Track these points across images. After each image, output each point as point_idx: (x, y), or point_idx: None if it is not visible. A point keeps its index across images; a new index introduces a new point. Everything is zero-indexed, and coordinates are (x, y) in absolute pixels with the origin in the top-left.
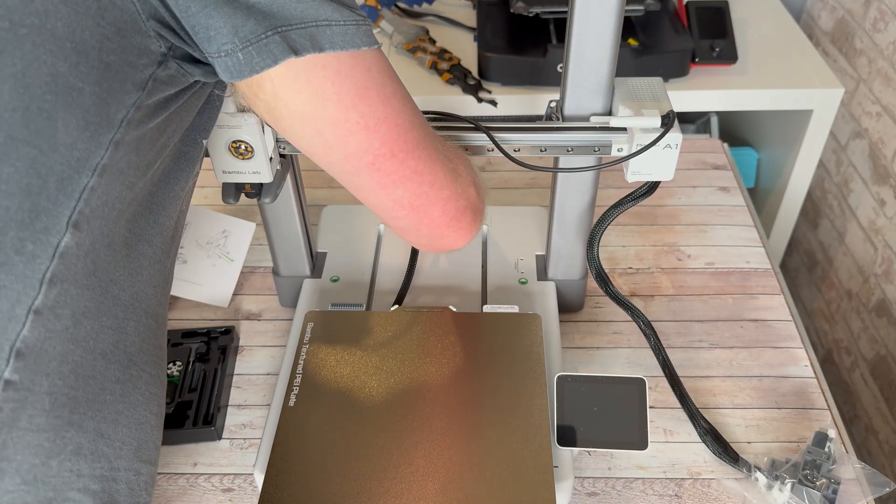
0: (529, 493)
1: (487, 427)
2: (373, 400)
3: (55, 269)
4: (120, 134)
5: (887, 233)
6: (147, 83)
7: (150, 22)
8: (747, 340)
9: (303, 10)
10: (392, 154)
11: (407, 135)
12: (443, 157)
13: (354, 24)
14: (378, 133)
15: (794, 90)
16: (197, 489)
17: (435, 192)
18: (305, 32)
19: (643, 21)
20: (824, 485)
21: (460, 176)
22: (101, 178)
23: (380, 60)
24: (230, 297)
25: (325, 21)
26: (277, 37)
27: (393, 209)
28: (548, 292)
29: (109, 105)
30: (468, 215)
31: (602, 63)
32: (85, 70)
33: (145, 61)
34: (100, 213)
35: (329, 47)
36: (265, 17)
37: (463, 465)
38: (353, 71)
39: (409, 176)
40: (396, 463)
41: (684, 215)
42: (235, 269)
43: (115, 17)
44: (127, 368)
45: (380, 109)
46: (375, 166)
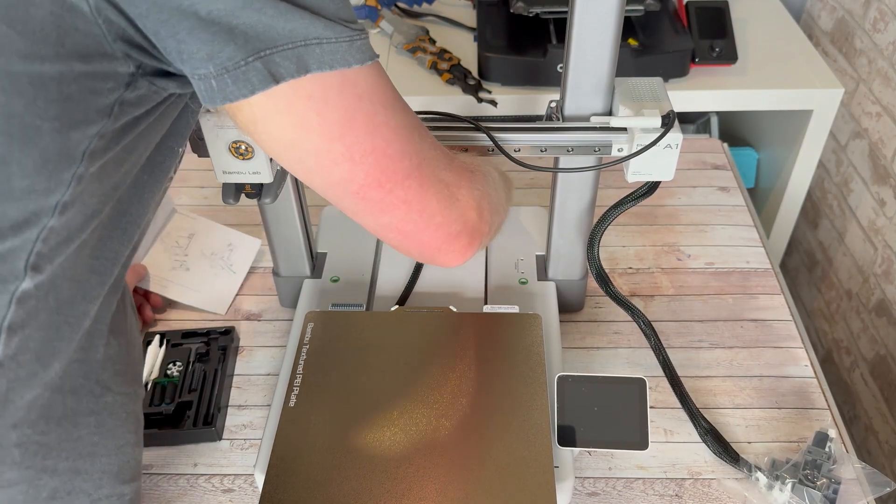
0: (530, 493)
1: (488, 427)
2: (373, 400)
3: (13, 316)
4: (83, 168)
5: (887, 233)
6: (113, 108)
7: (118, 43)
8: (747, 340)
9: (291, 29)
10: (378, 184)
11: (396, 165)
12: (437, 183)
13: (348, 39)
14: (363, 165)
15: (793, 90)
16: (197, 490)
17: (425, 219)
18: (292, 53)
19: (643, 21)
20: (825, 485)
21: (458, 201)
22: (62, 215)
23: (374, 81)
24: (227, 306)
25: (316, 39)
26: (259, 63)
27: (380, 231)
28: (548, 292)
29: (70, 139)
30: (462, 239)
31: (602, 63)
32: (43, 105)
33: (111, 85)
34: (62, 249)
35: (317, 67)
36: (248, 40)
37: (463, 465)
38: (341, 98)
39: (396, 205)
40: (397, 463)
41: (684, 215)
42: (236, 282)
43: (76, 42)
44: (100, 397)
45: (367, 141)
46: (360, 195)
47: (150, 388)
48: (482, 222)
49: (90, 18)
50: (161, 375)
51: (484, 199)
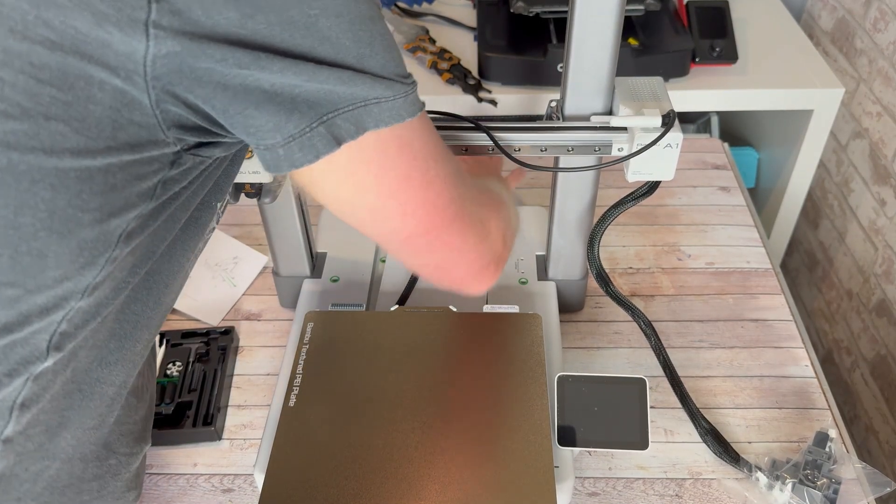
0: (530, 493)
1: (488, 427)
2: (373, 400)
3: (27, 393)
4: (118, 250)
5: (888, 233)
6: (155, 190)
7: (171, 130)
8: (748, 340)
9: (352, 92)
10: (426, 232)
11: (444, 213)
12: (475, 221)
13: (403, 95)
14: (415, 217)
15: (794, 90)
16: (197, 489)
17: (461, 256)
18: (352, 115)
19: (643, 21)
20: (825, 485)
21: (490, 234)
22: (90, 296)
23: (425, 134)
24: (221, 318)
25: (375, 99)
26: (322, 128)
27: (417, 268)
28: (548, 292)
29: (109, 225)
30: (491, 268)
31: (602, 63)
32: (87, 198)
33: (156, 167)
34: (86, 325)
35: (373, 125)
36: (311, 106)
37: (463, 465)
38: (399, 159)
39: (438, 248)
40: (397, 463)
41: (685, 215)
42: (235, 295)
43: (130, 135)
44: (105, 460)
45: (420, 195)
46: (408, 242)
47: None
48: (506, 249)
49: (149, 111)
50: (161, 375)
51: (507, 227)
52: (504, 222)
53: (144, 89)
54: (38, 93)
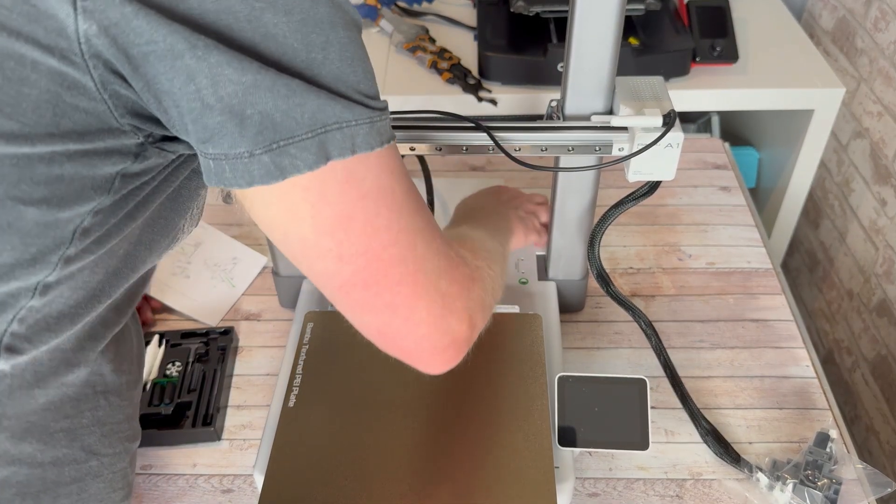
0: (530, 493)
1: (488, 427)
2: (373, 400)
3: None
4: (73, 248)
5: (888, 233)
6: (113, 183)
7: (127, 118)
8: (748, 340)
9: (311, 116)
10: (365, 286)
11: (390, 270)
12: (432, 293)
13: (367, 122)
14: (352, 265)
15: (794, 90)
16: (196, 490)
17: (409, 327)
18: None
19: (644, 20)
20: (826, 485)
21: (450, 314)
22: (43, 295)
23: (386, 171)
24: (220, 318)
25: (335, 124)
26: (266, 157)
27: (360, 327)
28: (548, 292)
29: (59, 220)
30: (448, 352)
31: (603, 62)
32: (28, 188)
33: (114, 160)
34: (40, 325)
35: (338, 154)
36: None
37: (463, 465)
38: (342, 195)
39: (380, 308)
40: (397, 463)
41: (685, 215)
42: (234, 295)
43: (75, 121)
44: (85, 462)
45: (361, 243)
46: (344, 291)
47: (150, 388)
48: (473, 332)
49: (95, 95)
50: (160, 376)
51: (478, 309)
52: (475, 302)
53: (85, 70)
54: None
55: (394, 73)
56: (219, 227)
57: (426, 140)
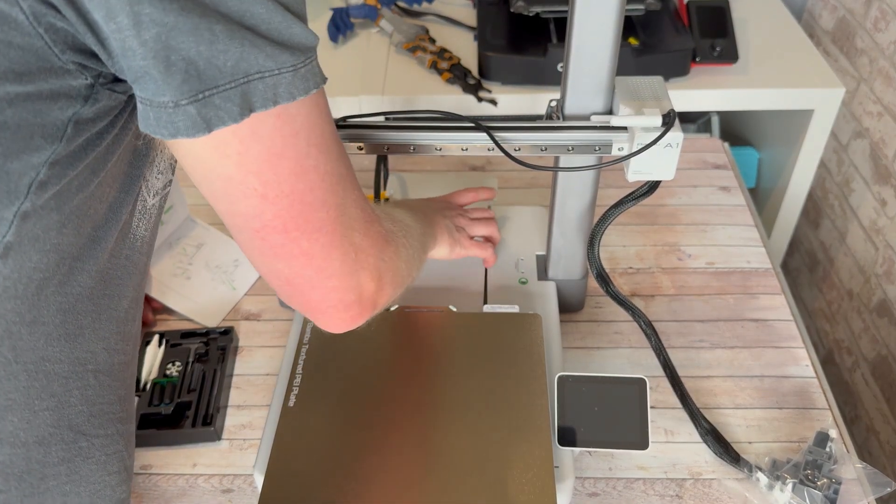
0: (530, 493)
1: (488, 427)
2: (373, 400)
3: None
4: (29, 203)
5: (888, 233)
6: (65, 129)
7: (67, 54)
8: (748, 340)
9: (234, 64)
10: (284, 230)
11: (311, 214)
12: (347, 244)
13: (291, 69)
14: (276, 205)
15: (794, 90)
16: (196, 490)
17: (321, 278)
18: (233, 93)
19: (644, 20)
20: (825, 485)
21: (361, 270)
22: (5, 259)
23: (316, 116)
24: (219, 320)
25: (258, 74)
26: (192, 107)
27: (268, 275)
28: (548, 292)
29: (9, 171)
30: (352, 310)
31: (602, 62)
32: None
33: (62, 104)
34: (10, 293)
35: (261, 106)
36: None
37: (463, 465)
38: (273, 135)
39: (295, 255)
40: (397, 463)
41: (685, 215)
42: (234, 298)
43: (11, 60)
44: (73, 443)
45: (287, 183)
46: (261, 235)
47: (150, 388)
48: (379, 296)
49: (28, 29)
50: (160, 375)
51: (389, 272)
52: (386, 265)
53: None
54: None
55: (394, 73)
56: (219, 228)
57: (426, 140)
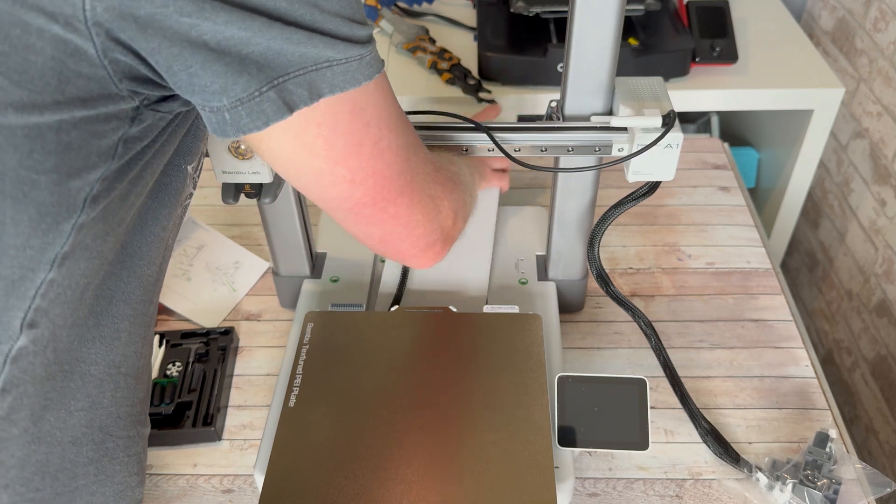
0: (530, 493)
1: (488, 428)
2: (373, 401)
3: (7, 377)
4: (84, 216)
5: (888, 233)
6: (116, 148)
7: (124, 83)
8: (748, 340)
9: (302, 54)
10: (373, 202)
11: (393, 184)
12: (425, 197)
13: (358, 58)
14: (364, 185)
15: (794, 90)
16: (197, 490)
17: (409, 230)
18: (304, 80)
19: (643, 20)
20: (825, 485)
21: (440, 213)
22: (60, 267)
23: (382, 100)
24: (219, 321)
25: (326, 62)
26: (272, 92)
27: (362, 238)
28: (548, 292)
29: (70, 188)
30: (437, 246)
31: (602, 63)
32: (40, 158)
33: (114, 125)
34: (61, 299)
35: (329, 91)
36: (260, 68)
37: (463, 465)
38: (351, 125)
39: (385, 220)
40: (397, 464)
41: (685, 215)
42: (234, 300)
43: (79, 88)
44: (102, 443)
45: (369, 165)
46: (354, 211)
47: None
48: (455, 229)
49: (96, 61)
50: (160, 376)
51: (461, 207)
52: (457, 203)
53: (88, 37)
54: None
55: (394, 74)
56: (219, 228)
57: (426, 140)
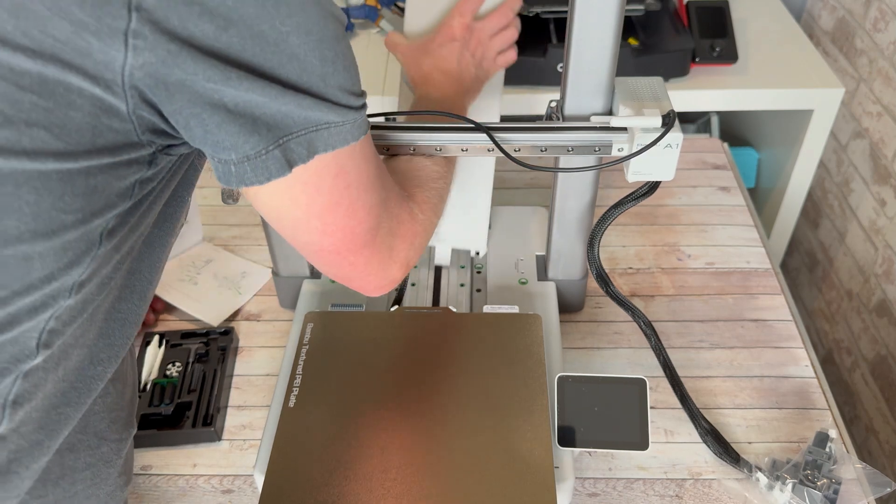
0: (530, 493)
1: (488, 428)
2: (373, 401)
3: (18, 390)
4: (102, 248)
5: (888, 233)
6: (133, 189)
7: (146, 135)
8: (748, 340)
9: (307, 117)
10: (337, 251)
11: (358, 239)
12: (385, 249)
13: (351, 122)
14: (332, 237)
15: (794, 90)
16: (197, 490)
17: (362, 276)
18: (305, 139)
19: (643, 21)
20: (825, 485)
21: (393, 263)
22: (77, 294)
23: (363, 159)
24: (223, 320)
25: (326, 124)
26: (277, 151)
27: (322, 271)
28: (548, 292)
29: (92, 226)
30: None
31: (602, 63)
32: (69, 200)
33: (134, 169)
34: (74, 321)
35: (323, 149)
36: (269, 129)
37: (463, 465)
38: (333, 186)
39: (344, 266)
40: (397, 464)
41: (684, 215)
42: (239, 301)
43: (108, 139)
44: (96, 449)
45: (342, 221)
46: (318, 255)
47: (150, 388)
48: (402, 273)
49: (126, 117)
50: (160, 376)
51: (417, 252)
52: (414, 251)
53: (123, 97)
54: (19, 99)
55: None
56: (219, 228)
57: (426, 140)
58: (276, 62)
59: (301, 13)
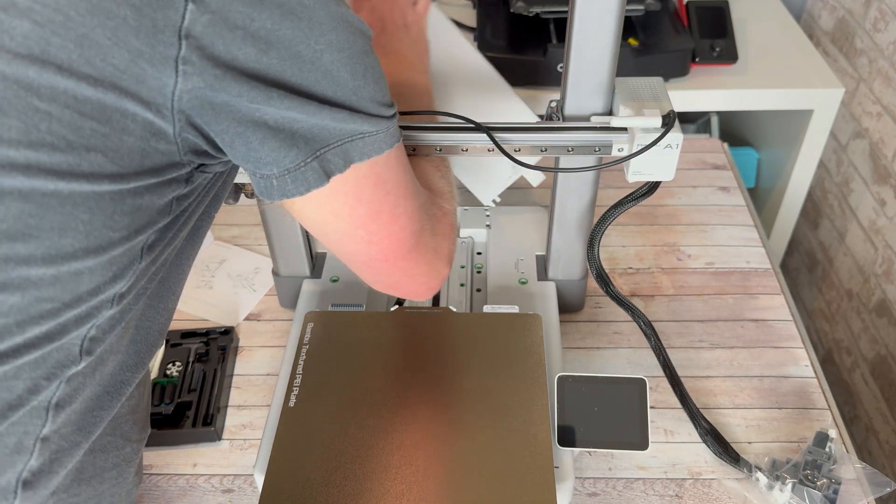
0: (530, 493)
1: (488, 428)
2: (373, 401)
3: (61, 394)
4: (143, 262)
5: (888, 233)
6: (171, 206)
7: (188, 155)
8: (748, 340)
9: (342, 129)
10: (385, 259)
11: (404, 243)
12: (430, 252)
13: (384, 131)
14: (379, 245)
15: (794, 90)
16: (197, 490)
17: (412, 280)
18: (341, 150)
19: (643, 21)
20: (825, 485)
21: (438, 261)
22: (118, 304)
23: (399, 168)
24: (240, 320)
25: (360, 134)
26: (315, 162)
27: (371, 283)
28: (548, 292)
29: (135, 241)
30: (434, 286)
31: (602, 63)
32: (118, 218)
33: (173, 187)
34: (113, 330)
35: (358, 158)
36: (307, 142)
37: (463, 465)
38: (373, 195)
39: (394, 272)
40: (397, 464)
41: (684, 215)
42: (255, 298)
43: (154, 161)
44: (122, 449)
45: (385, 228)
46: (367, 264)
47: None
48: (449, 268)
49: (171, 139)
50: (160, 375)
51: (453, 245)
52: (453, 245)
53: (171, 121)
54: (80, 126)
55: None
56: (219, 228)
57: (426, 140)
58: (312, 80)
59: (332, 32)
